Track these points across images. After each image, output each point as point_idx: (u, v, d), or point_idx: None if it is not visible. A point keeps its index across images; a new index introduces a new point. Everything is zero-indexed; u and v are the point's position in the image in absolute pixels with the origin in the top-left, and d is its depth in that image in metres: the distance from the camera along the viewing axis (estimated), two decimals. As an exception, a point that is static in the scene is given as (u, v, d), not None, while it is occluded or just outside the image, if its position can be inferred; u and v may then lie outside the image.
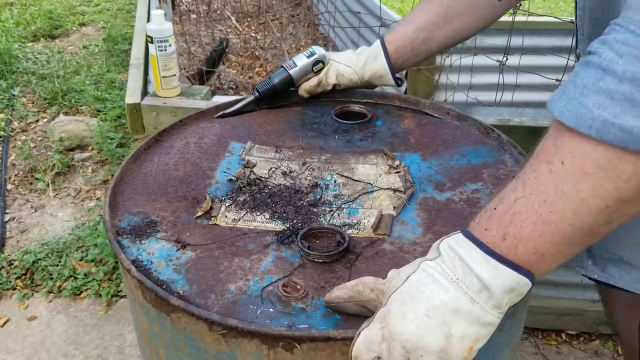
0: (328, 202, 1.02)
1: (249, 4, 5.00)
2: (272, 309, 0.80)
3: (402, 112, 1.33)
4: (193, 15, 4.65)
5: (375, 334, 0.69)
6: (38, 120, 3.63)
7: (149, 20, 1.74)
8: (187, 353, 0.84)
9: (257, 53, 4.30)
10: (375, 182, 1.07)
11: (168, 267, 0.88)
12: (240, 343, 0.77)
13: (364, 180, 1.08)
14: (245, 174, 1.09)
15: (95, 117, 3.56)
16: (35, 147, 3.33)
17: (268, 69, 4.07)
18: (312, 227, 0.94)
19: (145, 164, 1.14)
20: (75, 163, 3.18)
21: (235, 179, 1.08)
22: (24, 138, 3.42)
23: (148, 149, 1.19)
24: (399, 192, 1.04)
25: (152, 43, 1.66)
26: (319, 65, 1.28)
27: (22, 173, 3.10)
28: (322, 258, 0.87)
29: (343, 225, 0.96)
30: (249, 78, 3.94)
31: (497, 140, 1.20)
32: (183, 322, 0.80)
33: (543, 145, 0.65)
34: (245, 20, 4.94)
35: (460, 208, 1.00)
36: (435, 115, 1.30)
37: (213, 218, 0.98)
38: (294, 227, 0.95)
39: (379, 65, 1.27)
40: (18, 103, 3.76)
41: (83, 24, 5.45)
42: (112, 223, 0.96)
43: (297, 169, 1.12)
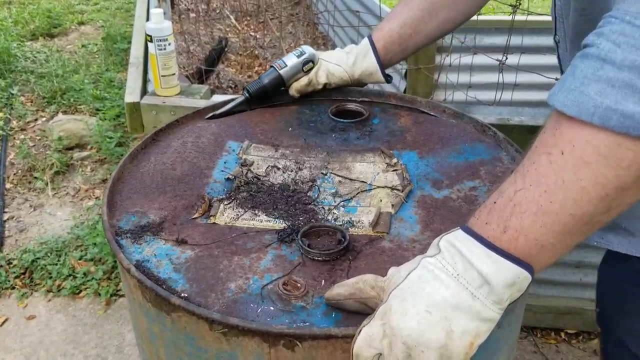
0: (326, 200, 1.02)
1: (248, 3, 4.99)
2: (272, 307, 0.80)
3: (398, 110, 1.34)
4: (192, 14, 4.65)
5: (377, 331, 0.69)
6: (37, 119, 3.62)
7: (148, 19, 1.74)
8: (187, 352, 0.84)
9: (256, 52, 4.30)
10: (373, 180, 1.07)
11: (167, 266, 0.88)
12: (242, 342, 0.77)
13: (362, 179, 1.08)
14: (243, 173, 1.09)
15: (94, 116, 3.55)
16: (34, 146, 3.33)
17: (267, 68, 4.06)
18: (312, 225, 0.94)
19: (143, 164, 1.14)
20: (74, 162, 3.18)
21: (233, 178, 1.08)
22: (23, 137, 3.41)
23: (145, 149, 1.18)
24: (397, 190, 1.04)
25: (151, 42, 1.66)
26: (309, 65, 1.28)
27: (20, 172, 3.10)
28: (322, 256, 0.87)
29: (342, 224, 0.96)
30: (248, 77, 3.93)
31: (493, 138, 1.20)
32: (183, 321, 0.80)
33: (541, 138, 0.66)
34: (245, 19, 4.94)
35: (458, 205, 1.00)
36: (432, 114, 1.31)
37: (212, 217, 0.98)
38: (294, 225, 0.95)
39: (369, 63, 1.28)
40: (17, 102, 3.76)
41: (82, 23, 5.44)
42: (110, 223, 0.96)
43: (294, 168, 1.12)
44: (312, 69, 1.29)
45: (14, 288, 2.36)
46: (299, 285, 0.82)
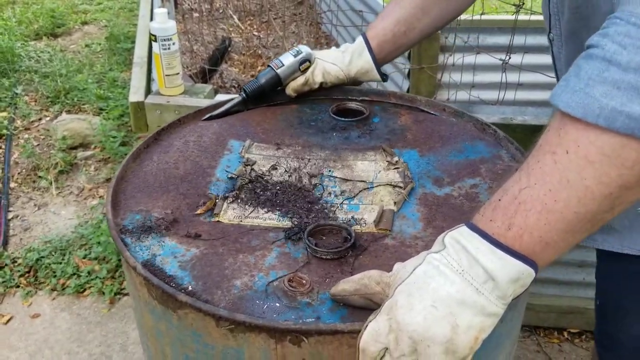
0: (329, 198, 1.03)
1: (251, 3, 5.00)
2: (278, 304, 0.80)
3: (398, 109, 1.35)
4: (195, 14, 4.66)
5: (383, 326, 0.70)
6: (41, 119, 3.63)
7: (152, 19, 1.74)
8: (193, 349, 0.84)
9: (259, 52, 4.31)
10: (375, 178, 1.08)
11: (173, 264, 0.88)
12: (248, 338, 0.77)
13: (364, 177, 1.09)
14: (246, 172, 1.10)
15: (98, 115, 3.56)
16: (38, 145, 3.34)
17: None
18: (319, 223, 0.95)
19: (146, 163, 1.15)
20: (78, 161, 3.19)
21: (236, 177, 1.08)
22: (27, 136, 3.43)
23: (148, 148, 1.19)
24: (399, 187, 1.05)
25: (155, 41, 1.66)
26: (306, 64, 1.29)
27: (25, 171, 3.11)
28: (329, 254, 0.88)
29: (345, 221, 0.97)
30: (251, 76, 3.94)
31: (493, 136, 1.21)
32: (190, 318, 0.80)
33: (546, 137, 0.66)
34: (248, 19, 4.95)
35: (460, 203, 1.01)
36: (432, 112, 1.31)
37: (216, 215, 0.99)
38: (300, 223, 0.96)
39: (364, 62, 1.29)
40: (21, 101, 3.77)
41: (85, 23, 5.46)
42: (115, 221, 0.97)
43: (296, 166, 1.12)
44: (308, 68, 1.29)
45: (19, 287, 2.37)
46: (304, 282, 0.83)
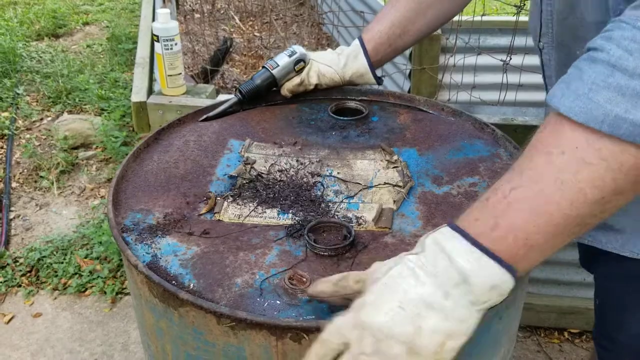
0: (329, 197, 1.04)
1: (253, 4, 5.01)
2: (278, 301, 0.81)
3: (397, 108, 1.36)
4: (197, 15, 4.67)
5: (349, 321, 0.69)
6: (42, 119, 3.64)
7: (154, 20, 1.75)
8: (194, 347, 0.85)
9: (260, 52, 4.32)
10: (374, 177, 1.09)
11: (174, 262, 0.89)
12: (249, 335, 0.78)
13: (363, 176, 1.09)
14: (246, 171, 1.10)
15: (99, 115, 3.57)
16: (40, 145, 3.35)
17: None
18: (319, 220, 0.95)
19: (146, 162, 1.15)
20: (80, 161, 3.20)
21: (237, 176, 1.09)
22: (29, 136, 3.43)
23: (148, 147, 1.20)
24: (398, 186, 1.05)
25: (158, 42, 1.67)
26: (301, 64, 1.29)
27: (26, 171, 3.12)
28: (328, 251, 0.89)
29: (345, 220, 0.97)
30: (252, 77, 3.94)
31: (491, 135, 1.22)
32: (191, 316, 0.81)
33: (540, 137, 0.65)
34: (249, 20, 4.96)
35: (459, 201, 1.02)
36: (430, 112, 1.32)
37: (216, 214, 0.99)
38: (301, 221, 0.96)
39: (359, 64, 1.29)
40: (22, 102, 3.78)
41: (87, 23, 5.47)
42: (116, 220, 0.97)
43: (296, 165, 1.13)
44: (303, 69, 1.30)
45: (20, 286, 2.37)
46: (305, 280, 0.84)
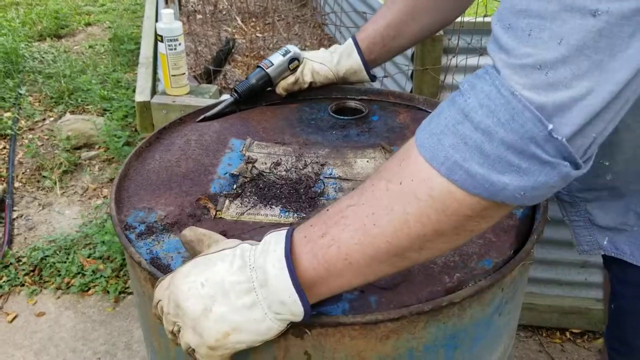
0: (331, 195, 1.05)
1: (255, 5, 5.02)
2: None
3: (396, 108, 1.37)
4: (199, 16, 4.68)
5: (166, 281, 0.74)
6: (45, 119, 3.65)
7: (157, 20, 1.76)
8: (198, 343, 0.85)
9: (262, 53, 4.33)
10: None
11: (177, 259, 0.89)
12: (252, 330, 0.78)
13: (364, 174, 1.10)
14: (248, 169, 1.11)
15: (102, 116, 3.58)
16: (42, 145, 3.36)
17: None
18: None
19: (148, 161, 1.16)
20: (82, 161, 3.21)
21: (238, 174, 1.09)
22: (31, 136, 3.44)
23: (150, 146, 1.20)
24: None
25: (162, 42, 1.68)
26: (295, 63, 1.30)
27: (29, 171, 3.13)
28: None
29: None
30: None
31: None
32: (195, 312, 0.81)
33: (388, 164, 0.67)
34: (251, 21, 4.97)
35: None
36: (430, 111, 1.33)
37: (218, 212, 1.00)
38: (302, 219, 0.97)
39: (353, 62, 1.30)
40: (25, 102, 3.79)
41: (89, 24, 5.48)
42: (119, 218, 0.98)
43: (297, 164, 1.14)
44: (297, 67, 1.31)
45: (24, 285, 2.38)
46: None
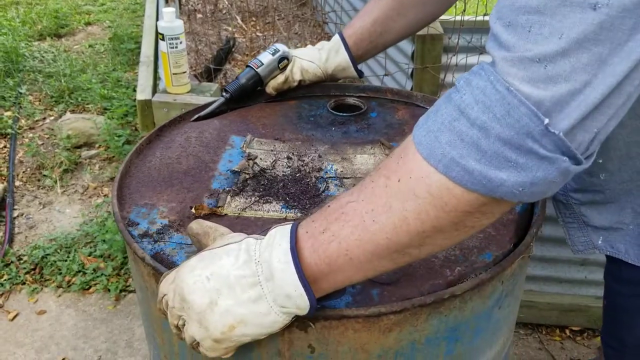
0: (331, 190, 1.05)
1: (255, 4, 5.02)
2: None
3: (395, 104, 1.38)
4: (199, 15, 4.68)
5: (171, 275, 0.75)
6: (45, 118, 3.65)
7: (158, 19, 1.76)
8: (202, 338, 0.86)
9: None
10: (374, 171, 1.10)
11: (180, 255, 0.90)
12: (256, 325, 0.79)
13: (364, 170, 1.11)
14: (249, 166, 1.11)
15: (102, 115, 3.58)
16: (43, 144, 3.36)
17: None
18: None
19: (149, 158, 1.16)
20: (83, 160, 3.21)
21: (239, 171, 1.10)
22: (32, 135, 3.44)
23: (150, 144, 1.21)
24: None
25: (163, 40, 1.68)
26: (284, 62, 1.31)
27: (29, 170, 3.13)
28: None
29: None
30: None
31: None
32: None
33: (387, 161, 0.68)
34: (251, 20, 4.97)
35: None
36: (428, 107, 1.33)
37: (220, 208, 1.00)
38: (303, 215, 0.98)
39: (341, 59, 1.31)
40: (25, 101, 3.79)
41: (89, 23, 5.48)
42: (121, 215, 0.98)
43: (297, 160, 1.15)
44: (287, 66, 1.31)
45: (25, 283, 2.38)
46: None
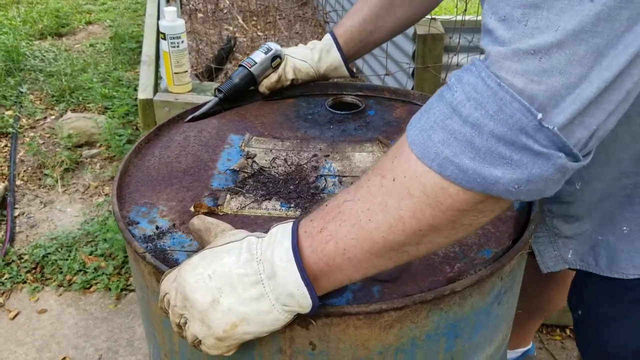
0: (330, 188, 1.06)
1: (256, 3, 5.02)
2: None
3: (392, 103, 1.38)
4: (200, 15, 4.68)
5: (173, 274, 0.75)
6: (46, 117, 3.66)
7: (159, 18, 1.76)
8: (203, 336, 0.86)
9: (263, 52, 4.33)
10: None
11: (181, 253, 0.90)
12: (257, 322, 0.79)
13: (362, 167, 1.11)
14: (248, 164, 1.12)
15: (103, 114, 3.58)
16: (44, 143, 3.36)
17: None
18: None
19: (148, 157, 1.16)
20: (84, 159, 3.21)
21: (238, 170, 1.10)
22: (33, 135, 3.45)
23: (148, 143, 1.21)
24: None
25: (164, 39, 1.69)
26: (277, 61, 1.31)
27: (30, 169, 3.13)
28: None
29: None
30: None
31: None
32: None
33: (382, 160, 0.68)
34: (252, 19, 4.97)
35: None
36: None
37: (219, 207, 1.00)
38: (303, 213, 0.98)
39: (333, 58, 1.31)
40: (26, 100, 3.79)
41: (89, 23, 5.48)
42: (121, 214, 0.99)
43: (296, 158, 1.15)
44: (279, 65, 1.31)
45: (26, 282, 2.39)
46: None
